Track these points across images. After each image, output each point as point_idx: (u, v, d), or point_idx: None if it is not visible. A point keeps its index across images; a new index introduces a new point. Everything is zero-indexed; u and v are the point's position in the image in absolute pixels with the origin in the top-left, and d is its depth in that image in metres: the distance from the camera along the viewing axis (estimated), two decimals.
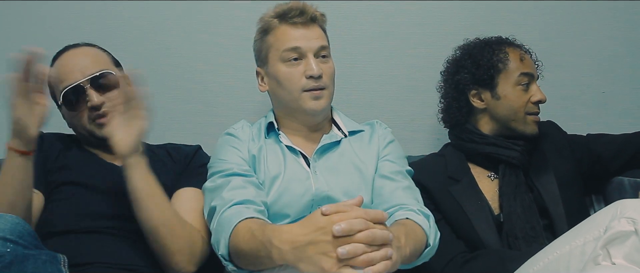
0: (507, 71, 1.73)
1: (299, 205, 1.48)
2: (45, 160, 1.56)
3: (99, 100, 1.52)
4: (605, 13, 2.14)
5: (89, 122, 1.56)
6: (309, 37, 1.54)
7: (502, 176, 1.71)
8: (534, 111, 1.75)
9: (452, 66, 1.84)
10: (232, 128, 1.62)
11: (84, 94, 1.53)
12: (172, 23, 2.06)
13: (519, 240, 1.60)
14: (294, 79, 1.53)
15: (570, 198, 1.69)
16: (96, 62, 1.58)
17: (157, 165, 1.64)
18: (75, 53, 1.60)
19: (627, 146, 1.76)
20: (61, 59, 1.59)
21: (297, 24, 1.54)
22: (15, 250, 1.08)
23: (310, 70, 1.51)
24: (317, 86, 1.52)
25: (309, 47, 1.53)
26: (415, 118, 2.11)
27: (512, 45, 1.79)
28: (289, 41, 1.53)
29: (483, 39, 1.82)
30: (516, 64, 1.74)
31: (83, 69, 1.55)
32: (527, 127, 1.74)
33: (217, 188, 1.46)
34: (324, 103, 1.55)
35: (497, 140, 1.74)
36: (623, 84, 2.14)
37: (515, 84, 1.73)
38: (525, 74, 1.73)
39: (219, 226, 1.37)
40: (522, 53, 1.76)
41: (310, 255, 1.15)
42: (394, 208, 1.44)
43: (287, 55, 1.53)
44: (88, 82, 1.53)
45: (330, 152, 1.58)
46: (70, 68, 1.55)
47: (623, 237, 1.13)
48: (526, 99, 1.73)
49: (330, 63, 1.58)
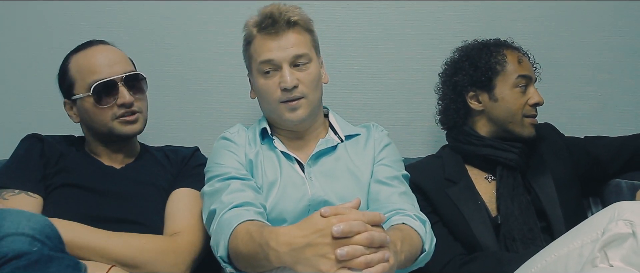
0: (505, 73, 1.73)
1: (296, 211, 1.48)
2: (45, 164, 1.56)
3: (130, 99, 1.55)
4: (602, 16, 2.14)
5: (112, 118, 1.57)
6: (282, 46, 1.51)
7: (500, 178, 1.70)
8: (532, 114, 1.74)
9: (450, 68, 1.83)
10: (228, 131, 1.62)
11: (115, 90, 1.55)
12: (170, 25, 2.06)
13: (517, 242, 1.60)
14: (270, 91, 1.53)
15: (568, 200, 1.69)
16: (126, 61, 1.62)
17: (155, 167, 1.66)
18: (104, 49, 1.61)
19: (625, 149, 1.77)
20: (88, 53, 1.60)
21: (271, 33, 1.52)
22: (42, 250, 1.08)
23: (283, 82, 1.50)
24: (291, 97, 1.51)
25: (282, 58, 1.51)
26: (412, 119, 2.10)
27: (510, 47, 1.78)
28: (263, 53, 1.52)
29: (481, 41, 1.82)
30: (514, 66, 1.73)
31: (116, 66, 1.57)
32: (525, 129, 1.74)
33: (216, 191, 1.46)
34: (302, 113, 1.53)
35: (494, 142, 1.74)
36: (621, 86, 2.14)
37: (513, 87, 1.73)
38: (523, 77, 1.73)
39: (218, 229, 1.37)
40: (520, 55, 1.76)
41: (308, 257, 1.15)
42: (391, 213, 1.44)
43: (262, 67, 1.52)
44: (122, 79, 1.55)
45: (325, 157, 1.58)
46: (103, 62, 1.56)
47: (620, 239, 1.14)
48: (524, 101, 1.73)
49: (311, 69, 1.54)
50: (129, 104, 1.55)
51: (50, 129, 1.72)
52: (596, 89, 2.14)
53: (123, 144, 1.65)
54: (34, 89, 2.01)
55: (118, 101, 1.55)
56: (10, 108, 2.01)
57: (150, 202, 1.57)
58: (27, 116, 2.01)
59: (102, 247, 1.37)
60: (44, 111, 2.00)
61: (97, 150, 1.65)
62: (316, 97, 1.56)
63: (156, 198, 1.58)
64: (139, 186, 1.59)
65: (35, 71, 2.02)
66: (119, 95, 1.55)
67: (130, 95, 1.56)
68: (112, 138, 1.61)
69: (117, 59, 1.59)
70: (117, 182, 1.58)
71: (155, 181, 1.61)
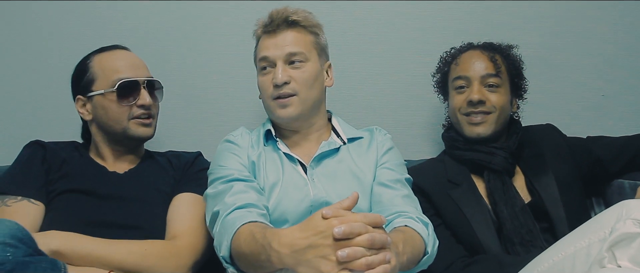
0: (448, 78, 1.83)
1: (297, 212, 1.49)
2: (48, 171, 1.57)
3: (150, 101, 1.60)
4: (604, 16, 2.15)
5: (129, 118, 1.60)
6: (278, 44, 1.56)
7: (487, 181, 1.71)
8: (468, 112, 1.74)
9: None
10: (232, 134, 1.63)
11: (137, 90, 1.60)
12: (172, 30, 2.06)
13: (516, 244, 1.60)
14: (264, 87, 1.58)
15: (571, 200, 1.68)
16: (147, 69, 1.68)
17: (158, 172, 1.67)
18: (129, 54, 1.68)
19: (627, 149, 1.77)
20: (115, 53, 1.65)
21: (269, 32, 1.58)
22: (16, 255, 1.08)
23: (274, 78, 1.54)
24: (281, 93, 1.54)
25: (277, 56, 1.55)
26: (414, 122, 2.11)
27: (460, 50, 1.83)
28: (261, 51, 1.59)
29: (452, 49, 1.88)
30: (453, 69, 1.81)
31: (139, 70, 1.63)
32: (465, 128, 1.75)
33: (219, 193, 1.46)
34: (292, 111, 1.55)
35: (477, 146, 1.74)
36: (623, 86, 2.15)
37: (452, 89, 1.79)
38: (457, 78, 1.77)
39: (221, 229, 1.38)
40: (458, 58, 1.80)
41: (309, 259, 1.15)
42: (393, 215, 1.44)
43: (260, 64, 1.59)
44: (144, 82, 1.61)
45: (328, 159, 1.58)
46: (129, 63, 1.63)
47: (629, 239, 1.12)
48: (461, 101, 1.75)
49: (307, 68, 1.57)
50: (148, 106, 1.61)
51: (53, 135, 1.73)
52: (598, 89, 2.15)
53: (130, 149, 1.66)
54: (37, 96, 2.01)
55: (138, 101, 1.60)
56: (13, 114, 2.01)
57: (153, 207, 1.57)
58: (29, 122, 2.00)
59: (103, 255, 1.37)
60: (46, 118, 2.00)
61: (102, 154, 1.66)
62: (310, 96, 1.57)
63: (159, 203, 1.59)
64: (142, 191, 1.59)
65: (38, 78, 2.01)
66: (140, 96, 1.60)
67: (150, 98, 1.61)
68: (123, 139, 1.63)
69: (140, 64, 1.66)
70: (120, 187, 1.58)
71: (158, 186, 1.62)
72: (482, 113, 1.72)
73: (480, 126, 1.72)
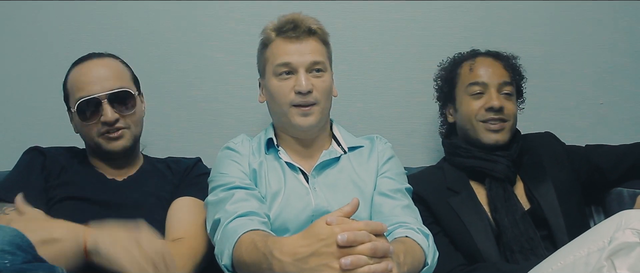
0: (459, 84, 1.80)
1: (299, 221, 1.49)
2: (47, 177, 1.57)
3: (113, 117, 1.55)
4: (604, 23, 2.15)
5: (98, 135, 1.58)
6: (301, 51, 1.54)
7: (489, 189, 1.70)
8: (487, 118, 1.73)
9: (434, 86, 1.92)
10: (232, 142, 1.63)
11: (99, 107, 1.56)
12: (172, 36, 2.06)
13: (516, 253, 1.59)
14: (283, 92, 1.54)
15: (570, 208, 1.68)
16: (117, 77, 1.60)
17: (157, 178, 1.66)
18: (98, 64, 1.61)
19: (626, 157, 1.77)
20: (82, 67, 1.61)
21: (291, 38, 1.55)
22: (14, 262, 1.06)
23: (298, 85, 1.52)
24: (304, 101, 1.53)
25: (300, 62, 1.54)
26: (413, 129, 2.10)
27: (471, 56, 1.82)
28: (281, 56, 1.54)
29: (454, 55, 1.88)
30: (466, 75, 1.78)
31: (103, 82, 1.57)
32: (482, 135, 1.74)
33: (220, 201, 1.46)
34: (313, 120, 1.55)
35: (480, 153, 1.74)
36: (622, 94, 2.14)
37: (466, 95, 1.77)
38: (474, 84, 1.75)
39: (223, 238, 1.38)
40: (472, 63, 1.78)
41: (312, 267, 1.15)
42: (394, 226, 1.44)
43: (278, 69, 1.55)
44: (106, 97, 1.56)
45: (329, 168, 1.59)
46: (90, 79, 1.57)
47: (628, 248, 1.13)
48: (478, 106, 1.74)
49: (326, 78, 1.57)
50: (110, 122, 1.56)
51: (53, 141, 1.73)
52: (597, 97, 2.15)
53: (120, 159, 1.65)
54: (36, 102, 2.01)
55: (101, 118, 1.56)
56: (13, 120, 2.01)
57: (153, 214, 1.56)
58: (28, 128, 2.00)
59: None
60: (46, 124, 2.00)
61: (98, 163, 1.66)
62: (327, 107, 1.59)
63: (159, 209, 1.58)
64: (142, 198, 1.59)
65: (37, 83, 2.01)
66: (102, 112, 1.56)
67: (113, 112, 1.56)
68: (101, 153, 1.62)
69: (108, 75, 1.59)
70: (119, 194, 1.58)
71: (157, 193, 1.62)
72: (501, 120, 1.73)
73: (499, 133, 1.73)
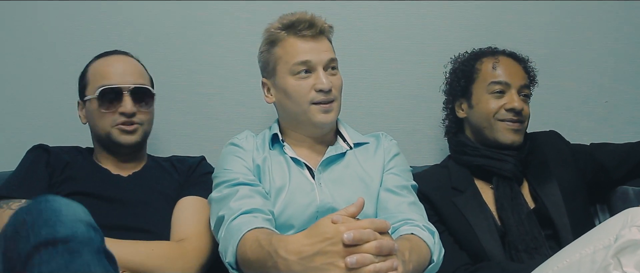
0: (479, 80, 1.77)
1: (303, 217, 1.48)
2: (51, 174, 1.57)
3: (132, 109, 1.59)
4: (609, 22, 2.15)
5: (112, 125, 1.60)
6: (319, 50, 1.54)
7: (496, 188, 1.70)
8: (507, 118, 1.73)
9: (446, 79, 1.89)
10: (236, 138, 1.62)
11: (120, 97, 1.59)
12: (175, 35, 2.06)
13: (521, 252, 1.59)
14: (302, 91, 1.53)
15: (575, 207, 1.68)
16: (139, 74, 1.66)
17: (162, 175, 1.67)
18: (122, 59, 1.67)
19: (631, 155, 1.76)
20: (107, 59, 1.66)
21: (307, 36, 1.54)
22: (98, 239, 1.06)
23: (320, 84, 1.51)
24: (326, 99, 1.53)
25: (319, 61, 1.53)
26: (418, 128, 2.10)
27: (493, 54, 1.80)
28: (298, 54, 1.53)
29: (472, 50, 1.86)
30: (488, 72, 1.76)
31: (126, 76, 1.62)
32: (499, 134, 1.73)
33: (224, 198, 1.46)
34: (333, 116, 1.56)
35: (488, 152, 1.74)
36: (626, 93, 2.14)
37: (486, 93, 1.75)
38: (496, 83, 1.74)
39: (227, 235, 1.37)
40: (495, 62, 1.77)
41: (317, 265, 1.14)
42: (400, 222, 1.44)
43: (296, 68, 1.53)
44: (128, 89, 1.60)
45: (335, 164, 1.58)
46: (115, 70, 1.62)
47: (634, 246, 1.12)
48: (498, 106, 1.73)
49: (339, 75, 1.58)
50: (129, 113, 1.59)
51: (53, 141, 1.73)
52: (601, 96, 2.15)
53: (128, 154, 1.66)
54: (40, 101, 2.01)
55: (120, 108, 1.59)
56: (17, 119, 2.01)
57: (158, 210, 1.57)
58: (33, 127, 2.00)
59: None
60: (50, 123, 2.00)
61: (103, 159, 1.66)
62: (341, 103, 1.59)
63: (163, 206, 1.59)
64: (146, 194, 1.60)
65: (41, 82, 2.01)
66: (122, 103, 1.59)
67: (133, 106, 1.59)
68: (110, 145, 1.63)
69: (131, 71, 1.64)
70: (124, 190, 1.59)
71: (162, 189, 1.62)
72: (520, 121, 1.73)
73: (517, 133, 1.73)
